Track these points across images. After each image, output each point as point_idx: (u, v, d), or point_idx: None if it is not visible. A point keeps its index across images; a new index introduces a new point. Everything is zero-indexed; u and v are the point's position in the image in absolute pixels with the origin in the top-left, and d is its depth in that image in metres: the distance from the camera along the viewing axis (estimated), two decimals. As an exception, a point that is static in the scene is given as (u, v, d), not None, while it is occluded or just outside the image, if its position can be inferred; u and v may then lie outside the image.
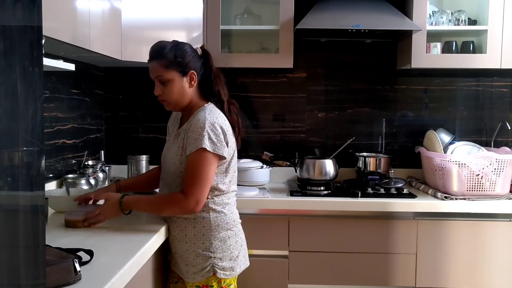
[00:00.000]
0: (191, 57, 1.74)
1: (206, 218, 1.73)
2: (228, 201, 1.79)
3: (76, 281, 1.19)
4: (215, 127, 1.67)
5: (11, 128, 0.78)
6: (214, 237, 1.72)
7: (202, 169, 1.65)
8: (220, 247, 1.73)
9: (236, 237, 1.79)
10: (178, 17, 2.62)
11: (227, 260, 1.74)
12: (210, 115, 1.69)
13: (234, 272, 1.77)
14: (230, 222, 1.77)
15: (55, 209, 1.98)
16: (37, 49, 0.82)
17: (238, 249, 1.79)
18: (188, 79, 1.74)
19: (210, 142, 1.64)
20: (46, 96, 2.25)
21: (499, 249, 2.42)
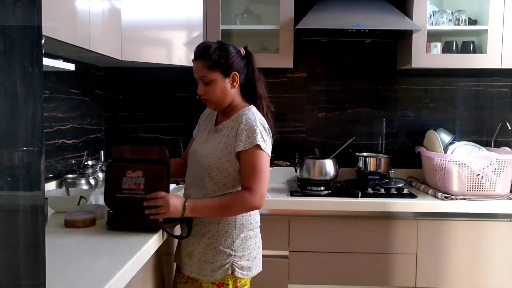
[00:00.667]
0: (235, 58, 1.75)
1: (235, 217, 1.73)
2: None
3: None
4: (265, 128, 1.72)
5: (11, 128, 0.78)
6: (237, 235, 1.72)
7: (260, 165, 1.67)
8: (241, 246, 1.73)
9: (256, 238, 1.79)
10: (178, 17, 2.62)
11: (246, 260, 1.74)
12: (259, 116, 1.75)
13: (251, 273, 1.77)
14: (254, 223, 1.78)
15: (55, 209, 1.98)
16: (37, 49, 0.82)
17: (256, 251, 1.79)
18: (230, 80, 1.75)
19: (262, 140, 1.68)
20: (46, 96, 2.25)
21: (499, 249, 2.42)
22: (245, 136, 1.66)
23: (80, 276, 1.25)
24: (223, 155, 1.70)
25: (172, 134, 3.00)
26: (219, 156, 1.70)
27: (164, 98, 3.01)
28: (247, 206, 1.68)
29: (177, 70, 2.83)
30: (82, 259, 1.39)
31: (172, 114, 3.00)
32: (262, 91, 1.82)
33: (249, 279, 1.80)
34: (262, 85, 1.83)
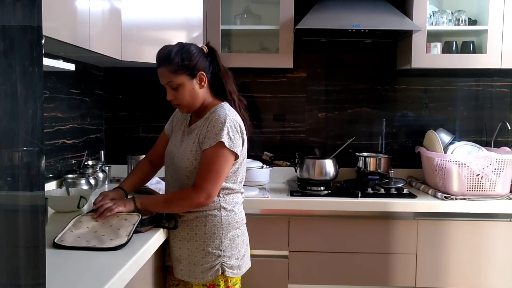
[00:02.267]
0: (198, 58, 1.73)
1: (217, 216, 1.72)
2: (238, 200, 1.81)
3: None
4: (235, 125, 1.70)
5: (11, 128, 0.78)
6: (225, 235, 1.73)
7: (217, 164, 1.66)
8: (229, 245, 1.73)
9: (243, 236, 1.81)
10: (178, 17, 2.62)
11: (235, 259, 1.75)
12: (230, 113, 1.72)
13: (241, 271, 1.79)
14: (239, 221, 1.79)
15: (55, 209, 1.98)
16: (37, 49, 0.82)
17: (244, 248, 1.81)
18: (198, 80, 1.74)
19: (228, 138, 1.66)
20: (46, 96, 2.25)
21: (499, 249, 2.42)
22: (213, 134, 1.67)
23: (80, 276, 1.25)
24: (198, 155, 1.71)
25: (172, 134, 3.00)
26: (194, 156, 1.72)
27: (164, 98, 2.99)
28: (191, 204, 1.68)
29: (177, 70, 2.83)
30: (82, 259, 1.39)
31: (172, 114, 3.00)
32: (231, 86, 1.81)
33: (240, 277, 1.82)
34: (230, 80, 1.82)
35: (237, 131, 1.70)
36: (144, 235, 1.62)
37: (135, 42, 2.44)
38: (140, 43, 2.48)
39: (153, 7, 2.49)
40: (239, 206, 1.82)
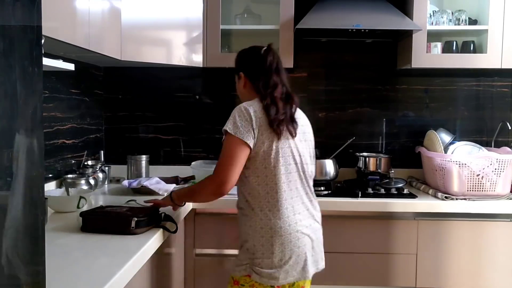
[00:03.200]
0: (244, 59, 1.84)
1: (252, 217, 1.70)
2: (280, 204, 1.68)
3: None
4: (245, 113, 1.68)
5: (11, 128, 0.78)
6: (257, 239, 1.68)
7: (226, 151, 1.67)
8: (261, 250, 1.67)
9: (284, 247, 1.66)
10: (178, 17, 2.62)
11: (267, 267, 1.66)
12: (247, 103, 1.72)
13: (275, 281, 1.67)
14: (276, 227, 1.66)
15: (55, 209, 1.98)
16: (36, 49, 0.82)
17: (284, 260, 1.67)
18: (242, 80, 1.83)
19: (234, 125, 1.66)
20: (46, 96, 2.24)
21: (500, 249, 2.42)
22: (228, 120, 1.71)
23: (80, 276, 1.25)
24: None
25: (172, 134, 3.00)
26: None
27: (164, 98, 3.01)
28: (207, 191, 1.72)
29: (177, 70, 2.83)
30: (82, 259, 1.39)
31: (172, 114, 3.00)
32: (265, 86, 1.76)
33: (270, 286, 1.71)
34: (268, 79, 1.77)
35: (247, 119, 1.66)
36: (144, 235, 1.62)
37: (135, 42, 2.43)
38: (140, 43, 2.47)
39: (153, 7, 2.49)
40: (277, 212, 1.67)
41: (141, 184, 2.42)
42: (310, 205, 1.79)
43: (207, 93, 3.01)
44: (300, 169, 1.74)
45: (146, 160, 2.80)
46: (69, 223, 1.79)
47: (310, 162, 1.82)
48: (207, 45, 2.65)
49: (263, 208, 1.68)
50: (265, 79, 1.76)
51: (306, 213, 1.75)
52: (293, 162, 1.72)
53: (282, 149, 1.69)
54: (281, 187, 1.68)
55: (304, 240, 1.70)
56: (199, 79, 3.01)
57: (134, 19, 2.40)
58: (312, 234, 1.75)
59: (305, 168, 1.76)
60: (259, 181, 1.68)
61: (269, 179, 1.68)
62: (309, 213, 1.77)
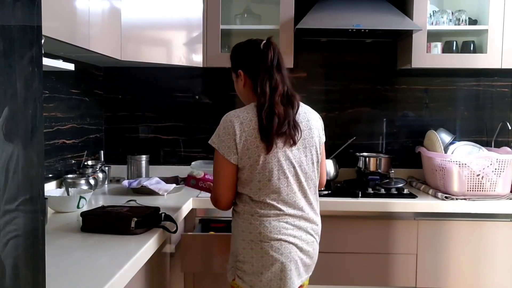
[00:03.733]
0: (242, 55, 1.70)
1: (237, 220, 1.67)
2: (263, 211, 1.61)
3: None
4: (227, 125, 1.59)
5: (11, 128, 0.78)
6: (239, 244, 1.64)
7: (214, 168, 1.66)
8: (243, 256, 1.63)
9: (264, 253, 1.59)
10: (178, 17, 2.62)
11: (249, 273, 1.62)
12: (236, 112, 1.62)
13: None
14: (255, 234, 1.60)
15: (55, 209, 1.98)
16: (36, 49, 0.81)
17: (265, 267, 1.60)
18: (241, 78, 1.70)
19: (218, 139, 1.60)
20: (46, 96, 2.24)
21: (500, 249, 2.42)
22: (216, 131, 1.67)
23: (80, 276, 1.25)
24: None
25: (172, 134, 3.00)
26: None
27: (164, 98, 3.00)
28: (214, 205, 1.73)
29: (177, 70, 2.83)
30: (82, 259, 1.39)
31: (172, 114, 3.00)
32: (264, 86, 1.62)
33: None
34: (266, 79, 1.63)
35: (228, 133, 1.58)
36: (144, 235, 1.62)
37: (135, 42, 2.43)
38: (140, 43, 2.47)
39: (153, 7, 2.49)
40: (259, 218, 1.61)
41: (141, 184, 2.43)
42: (307, 217, 1.67)
43: (207, 93, 3.01)
44: (301, 179, 1.65)
45: (146, 160, 2.80)
46: (69, 223, 1.79)
47: (312, 169, 1.69)
48: (207, 45, 2.65)
49: (246, 213, 1.63)
50: (265, 78, 1.62)
51: (298, 223, 1.64)
52: (286, 174, 1.61)
53: (272, 162, 1.59)
54: (267, 200, 1.61)
55: (289, 248, 1.61)
56: (199, 79, 3.01)
57: (134, 19, 2.40)
58: (301, 244, 1.64)
59: (302, 179, 1.65)
60: (246, 191, 1.63)
61: (253, 192, 1.62)
62: (302, 225, 1.65)
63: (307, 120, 1.70)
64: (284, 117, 1.59)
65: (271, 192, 1.60)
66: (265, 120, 1.57)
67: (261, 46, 1.67)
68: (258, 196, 1.61)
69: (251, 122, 1.59)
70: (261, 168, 1.59)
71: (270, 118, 1.57)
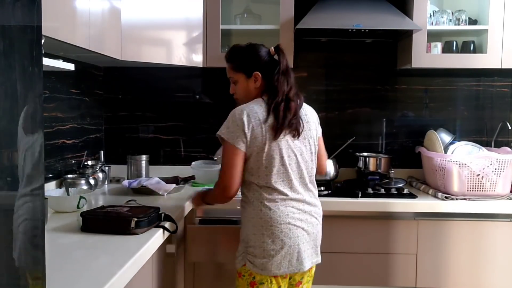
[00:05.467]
0: (257, 59, 1.85)
1: (245, 209, 1.81)
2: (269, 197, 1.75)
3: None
4: (237, 117, 1.74)
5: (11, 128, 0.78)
6: (250, 230, 1.77)
7: (224, 157, 1.76)
8: (254, 241, 1.75)
9: (275, 237, 1.72)
10: (178, 17, 2.62)
11: (261, 257, 1.73)
12: (244, 106, 1.78)
13: (267, 271, 1.73)
14: (266, 219, 1.73)
15: (55, 209, 1.98)
16: (36, 49, 0.82)
17: (275, 250, 1.72)
18: (253, 79, 1.84)
19: (226, 130, 1.75)
20: (46, 96, 2.25)
21: (500, 249, 2.42)
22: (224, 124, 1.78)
23: (80, 276, 1.25)
24: None
25: (172, 134, 3.00)
26: None
27: (164, 98, 3.01)
28: (215, 195, 1.84)
29: (177, 70, 2.83)
30: (82, 259, 1.39)
31: (172, 114, 3.00)
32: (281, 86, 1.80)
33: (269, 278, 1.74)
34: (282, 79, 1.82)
35: (236, 124, 1.73)
36: (144, 235, 1.62)
37: (135, 42, 2.43)
38: (140, 43, 2.47)
39: (153, 7, 2.49)
40: (269, 203, 1.74)
41: (141, 184, 2.43)
42: (309, 201, 1.82)
43: (207, 93, 3.01)
44: (302, 168, 1.80)
45: (146, 160, 2.80)
46: (69, 223, 1.79)
47: (311, 158, 1.85)
48: (207, 45, 2.65)
49: (256, 200, 1.77)
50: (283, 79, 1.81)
51: (302, 207, 1.79)
52: (291, 162, 1.77)
53: (276, 149, 1.74)
54: (275, 184, 1.75)
55: (297, 232, 1.75)
56: (199, 79, 3.01)
57: (134, 19, 2.40)
58: (307, 227, 1.79)
59: (302, 166, 1.80)
60: (253, 178, 1.77)
61: (261, 178, 1.75)
62: (306, 208, 1.80)
63: (305, 115, 1.87)
64: (295, 111, 1.78)
65: (277, 178, 1.75)
66: (282, 113, 1.75)
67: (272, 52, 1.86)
68: (266, 182, 1.75)
69: (257, 113, 1.75)
70: (267, 155, 1.74)
71: (285, 112, 1.76)
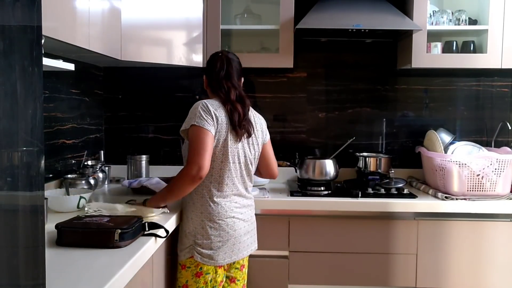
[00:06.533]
0: (209, 64, 2.07)
1: (194, 204, 1.92)
2: (217, 193, 1.91)
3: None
4: (206, 108, 1.87)
5: (11, 128, 0.78)
6: (198, 223, 1.89)
7: (197, 139, 1.82)
8: (201, 233, 1.88)
9: (220, 230, 1.89)
10: (178, 17, 2.62)
11: (208, 248, 1.88)
12: (207, 101, 1.93)
13: (214, 261, 1.89)
14: (215, 214, 1.89)
15: (55, 209, 1.98)
16: (36, 49, 0.82)
17: (221, 242, 1.89)
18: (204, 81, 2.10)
19: (199, 119, 1.84)
20: (46, 96, 2.24)
21: (500, 249, 2.42)
22: (188, 118, 1.89)
23: (80, 276, 1.25)
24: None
25: (172, 134, 3.00)
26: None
27: (164, 98, 3.01)
28: (186, 178, 1.81)
29: (177, 70, 2.83)
30: (82, 259, 1.39)
31: (172, 114, 3.00)
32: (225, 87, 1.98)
33: (214, 268, 1.92)
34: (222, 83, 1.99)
35: (208, 113, 1.85)
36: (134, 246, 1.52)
37: (135, 42, 2.43)
38: (140, 43, 2.47)
39: (153, 7, 2.49)
40: (217, 199, 1.90)
41: (141, 184, 2.42)
42: (246, 197, 2.02)
43: (207, 93, 2.99)
44: (243, 168, 1.96)
45: (146, 160, 2.80)
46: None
47: (254, 161, 2.04)
48: (207, 45, 2.65)
49: (205, 195, 1.90)
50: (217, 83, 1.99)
51: (242, 202, 1.98)
52: (237, 161, 1.93)
53: (231, 148, 1.90)
54: (224, 181, 1.90)
55: (240, 225, 1.94)
56: (199, 79, 2.99)
57: (134, 19, 2.40)
58: (246, 219, 1.99)
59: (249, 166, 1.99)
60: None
61: (215, 171, 1.89)
62: (245, 204, 2.00)
63: (255, 122, 2.03)
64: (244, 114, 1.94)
65: (226, 175, 1.90)
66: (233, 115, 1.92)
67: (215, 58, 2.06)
68: (219, 176, 1.89)
69: (223, 111, 1.91)
70: (220, 150, 1.89)
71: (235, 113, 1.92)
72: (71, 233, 1.52)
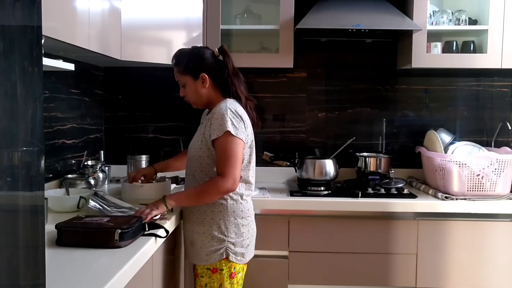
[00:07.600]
0: (203, 61, 1.92)
1: (223, 204, 1.87)
2: (246, 192, 1.93)
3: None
4: (236, 115, 1.84)
5: (11, 128, 0.78)
6: (230, 222, 1.87)
7: (231, 150, 1.80)
8: (234, 232, 1.87)
9: (249, 226, 1.93)
10: (178, 17, 2.62)
11: (240, 246, 1.88)
12: (231, 105, 1.87)
13: (244, 259, 1.90)
14: (245, 211, 1.91)
15: (55, 209, 1.98)
16: (36, 49, 0.82)
17: (249, 239, 1.93)
18: (201, 81, 1.92)
19: (233, 126, 1.80)
20: (46, 96, 2.25)
21: (500, 249, 2.42)
22: (217, 125, 1.81)
23: (80, 276, 1.25)
24: (203, 145, 1.88)
25: (172, 134, 3.00)
26: (200, 146, 1.89)
27: (164, 98, 3.01)
28: (220, 190, 1.81)
29: (177, 70, 2.83)
30: (82, 259, 1.39)
31: (172, 114, 3.00)
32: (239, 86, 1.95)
33: (243, 266, 1.92)
34: (238, 80, 1.96)
35: (240, 119, 1.84)
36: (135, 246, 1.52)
37: (135, 42, 2.43)
38: (140, 43, 2.47)
39: (153, 7, 2.49)
40: (246, 196, 1.92)
41: (141, 184, 2.42)
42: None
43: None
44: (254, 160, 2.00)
45: (146, 160, 2.80)
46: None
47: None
48: (207, 45, 2.65)
49: (237, 193, 1.89)
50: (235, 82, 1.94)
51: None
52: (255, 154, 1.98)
53: (253, 146, 1.94)
54: (250, 177, 1.93)
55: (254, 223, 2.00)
56: (199, 79, 3.01)
57: (134, 19, 2.40)
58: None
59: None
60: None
61: (243, 172, 1.90)
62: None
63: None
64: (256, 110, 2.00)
65: (251, 171, 1.94)
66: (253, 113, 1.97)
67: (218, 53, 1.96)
68: (245, 175, 1.91)
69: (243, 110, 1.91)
70: (247, 151, 1.90)
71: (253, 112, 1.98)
72: (71, 233, 1.52)
